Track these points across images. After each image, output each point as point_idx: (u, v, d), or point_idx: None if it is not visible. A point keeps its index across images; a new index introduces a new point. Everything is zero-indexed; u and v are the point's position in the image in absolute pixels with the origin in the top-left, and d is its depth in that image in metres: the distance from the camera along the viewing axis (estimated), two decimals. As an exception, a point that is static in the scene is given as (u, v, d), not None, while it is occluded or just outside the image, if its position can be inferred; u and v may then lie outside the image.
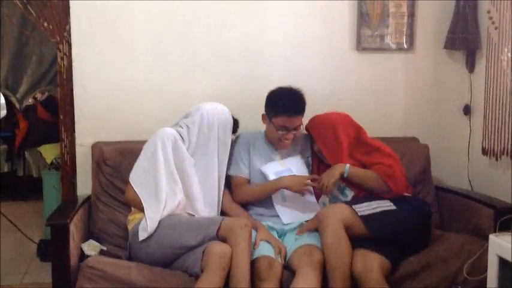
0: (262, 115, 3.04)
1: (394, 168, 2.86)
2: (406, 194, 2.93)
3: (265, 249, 2.70)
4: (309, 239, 2.75)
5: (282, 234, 2.90)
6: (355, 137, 3.02)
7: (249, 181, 3.04)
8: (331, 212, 2.71)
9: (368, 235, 2.68)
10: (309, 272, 2.54)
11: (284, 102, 2.92)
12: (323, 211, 2.76)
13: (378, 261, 2.61)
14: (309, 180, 2.91)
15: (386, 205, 2.76)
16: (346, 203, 2.80)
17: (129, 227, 2.83)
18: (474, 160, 3.43)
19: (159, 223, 2.67)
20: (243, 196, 3.00)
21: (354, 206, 2.71)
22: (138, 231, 2.69)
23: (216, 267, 2.46)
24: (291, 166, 3.03)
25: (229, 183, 3.05)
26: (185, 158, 2.86)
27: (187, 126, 2.93)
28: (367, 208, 2.72)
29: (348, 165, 2.87)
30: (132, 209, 2.88)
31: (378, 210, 2.73)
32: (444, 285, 2.68)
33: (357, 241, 2.67)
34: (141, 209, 2.74)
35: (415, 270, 2.71)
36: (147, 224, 2.66)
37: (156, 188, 2.75)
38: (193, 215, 2.84)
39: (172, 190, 2.78)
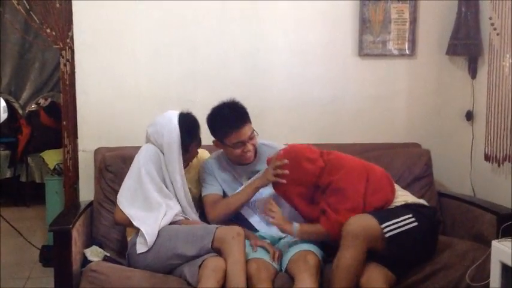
0: (213, 141, 2.92)
1: (340, 221, 2.62)
2: (420, 202, 2.84)
3: (254, 253, 2.71)
4: (304, 245, 2.74)
5: (274, 242, 2.89)
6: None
7: (222, 197, 2.95)
8: (361, 230, 2.53)
9: (383, 252, 2.60)
10: (305, 278, 2.54)
11: (227, 120, 2.83)
12: (351, 226, 2.54)
13: (383, 274, 2.58)
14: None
15: (409, 221, 2.62)
16: (374, 215, 2.60)
17: (128, 239, 2.84)
18: (476, 166, 3.42)
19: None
20: (219, 211, 2.86)
21: (383, 225, 2.55)
22: (136, 244, 2.69)
23: (210, 280, 2.48)
24: (262, 192, 2.89)
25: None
26: (169, 170, 2.82)
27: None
28: (395, 226, 2.57)
29: (295, 227, 2.71)
30: None
31: (404, 228, 2.59)
32: (447, 292, 2.67)
33: None
34: (133, 227, 2.74)
35: (419, 278, 2.68)
36: (144, 237, 2.65)
37: (148, 203, 2.74)
38: (188, 219, 2.84)
39: (168, 205, 2.78)
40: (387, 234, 2.55)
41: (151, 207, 2.74)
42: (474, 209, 3.06)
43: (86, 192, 3.33)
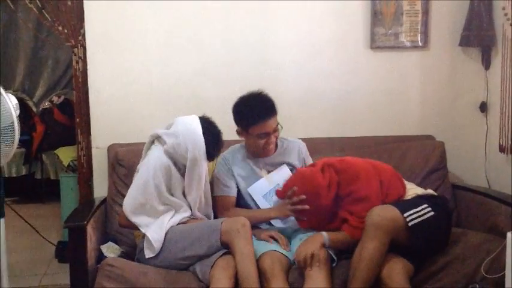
0: (237, 130, 2.92)
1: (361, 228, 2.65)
2: (430, 192, 2.86)
3: (265, 246, 2.70)
4: None
5: (289, 236, 2.88)
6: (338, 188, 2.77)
7: (235, 200, 2.95)
8: (385, 221, 2.53)
9: (404, 243, 2.61)
10: (315, 272, 2.55)
11: (254, 110, 2.83)
12: (375, 217, 2.54)
13: (402, 265, 2.58)
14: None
15: (427, 210, 2.63)
16: (395, 205, 2.61)
17: (137, 241, 2.83)
18: (491, 157, 3.40)
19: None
20: None
21: (405, 214, 2.56)
22: (143, 249, 2.69)
23: (222, 281, 2.48)
24: (278, 181, 2.92)
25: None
26: (178, 185, 2.75)
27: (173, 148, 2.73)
28: (417, 215, 2.58)
29: (324, 234, 2.68)
30: None
31: (424, 217, 2.60)
32: (462, 284, 2.65)
33: None
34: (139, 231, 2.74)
35: (434, 270, 2.68)
36: (151, 243, 2.64)
37: (154, 212, 2.70)
38: (194, 218, 2.80)
39: (176, 210, 2.75)
40: (410, 223, 2.55)
41: (157, 215, 2.71)
42: (489, 200, 3.04)
43: (100, 188, 3.35)
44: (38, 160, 5.84)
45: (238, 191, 2.95)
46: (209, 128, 2.77)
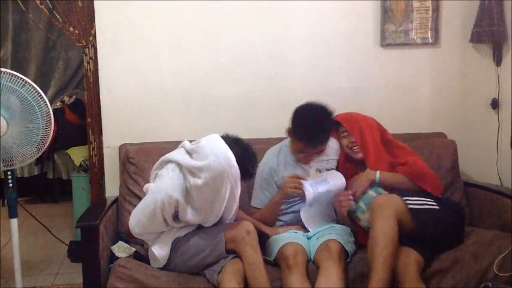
0: (287, 129, 2.91)
1: (421, 166, 2.90)
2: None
3: (290, 237, 2.74)
4: (329, 235, 2.75)
5: (308, 238, 2.89)
6: (380, 136, 3.02)
7: None
8: (387, 202, 2.68)
9: (411, 229, 2.65)
10: (329, 265, 2.56)
11: (308, 132, 2.80)
12: (379, 200, 2.72)
13: (414, 258, 2.61)
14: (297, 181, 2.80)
15: (430, 203, 2.75)
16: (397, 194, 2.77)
17: (145, 246, 2.79)
18: (503, 155, 3.38)
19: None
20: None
21: (404, 198, 2.70)
22: (151, 259, 2.69)
23: (231, 284, 2.46)
24: (328, 177, 2.90)
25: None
26: (187, 220, 2.62)
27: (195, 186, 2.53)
28: (416, 202, 2.72)
29: (378, 172, 2.88)
30: None
31: (424, 207, 2.72)
32: (474, 281, 2.65)
33: None
34: None
35: (446, 267, 2.69)
36: (157, 258, 2.64)
37: (159, 233, 2.67)
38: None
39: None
40: (409, 206, 2.65)
41: (161, 234, 2.68)
42: (501, 198, 3.03)
43: (112, 188, 3.36)
44: (50, 160, 5.87)
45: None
46: (242, 146, 2.65)
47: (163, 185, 2.56)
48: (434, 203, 2.75)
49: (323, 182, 2.86)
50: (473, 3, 3.41)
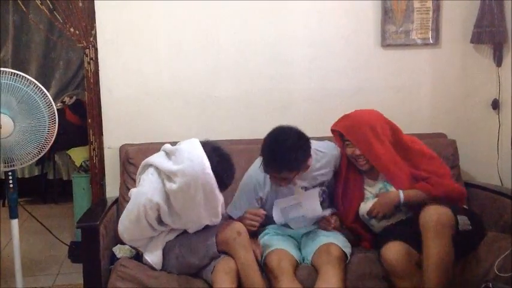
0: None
1: (446, 186, 2.75)
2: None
3: (273, 244, 2.71)
4: (326, 238, 2.74)
5: (297, 238, 2.89)
6: (392, 138, 2.85)
7: None
8: (442, 219, 2.52)
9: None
10: (329, 270, 2.56)
11: (268, 160, 2.63)
12: (432, 216, 2.52)
13: (407, 250, 2.61)
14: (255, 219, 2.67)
15: (468, 223, 2.64)
16: (452, 208, 2.61)
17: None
18: (504, 155, 3.38)
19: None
20: None
21: (458, 217, 2.59)
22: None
23: (225, 284, 2.47)
24: (303, 201, 2.78)
25: None
26: (170, 223, 2.63)
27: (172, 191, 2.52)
28: (465, 223, 2.60)
29: (401, 193, 2.74)
30: None
31: (468, 228, 2.61)
32: (475, 282, 2.64)
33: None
34: None
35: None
36: (151, 265, 2.65)
37: (148, 236, 2.67)
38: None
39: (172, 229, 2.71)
40: (460, 227, 2.56)
41: (151, 239, 2.68)
42: (502, 198, 3.03)
43: (112, 188, 3.36)
44: (50, 160, 5.87)
45: (266, 203, 2.87)
46: (220, 155, 2.58)
47: (144, 189, 2.58)
48: (469, 222, 2.65)
49: (296, 206, 2.79)
50: (474, 4, 3.41)
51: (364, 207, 2.82)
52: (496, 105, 3.43)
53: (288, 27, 3.46)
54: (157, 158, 2.64)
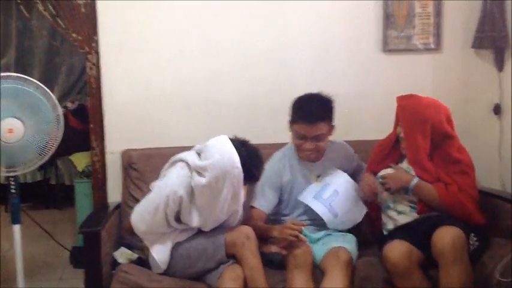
0: (289, 121, 2.95)
1: (461, 199, 2.79)
2: None
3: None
4: (336, 242, 2.77)
5: (312, 242, 2.89)
6: (437, 138, 2.91)
7: (266, 215, 2.91)
8: (460, 244, 2.55)
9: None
10: (336, 273, 2.57)
11: (303, 109, 2.83)
12: (447, 241, 2.54)
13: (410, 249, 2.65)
14: (296, 228, 2.65)
15: (475, 239, 2.69)
16: (463, 227, 2.64)
17: (146, 252, 2.79)
18: (505, 160, 3.37)
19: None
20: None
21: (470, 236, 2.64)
22: (151, 265, 2.69)
23: None
24: (329, 181, 2.93)
25: None
26: (188, 221, 2.65)
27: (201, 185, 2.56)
28: (474, 243, 2.66)
29: (415, 180, 2.80)
30: None
31: (475, 246, 2.68)
32: (477, 287, 2.64)
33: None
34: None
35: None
36: (157, 263, 2.64)
37: (161, 231, 2.67)
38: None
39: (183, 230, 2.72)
40: (471, 248, 2.62)
41: (162, 236, 2.68)
42: (504, 203, 3.02)
43: (115, 193, 3.37)
44: (52, 166, 5.88)
45: (281, 200, 2.95)
46: (248, 149, 2.66)
47: (170, 181, 2.61)
48: (476, 239, 2.70)
49: (325, 187, 2.87)
50: (475, 9, 3.41)
51: (383, 171, 2.94)
52: (497, 110, 3.42)
53: (290, 32, 3.47)
54: (189, 155, 2.67)
